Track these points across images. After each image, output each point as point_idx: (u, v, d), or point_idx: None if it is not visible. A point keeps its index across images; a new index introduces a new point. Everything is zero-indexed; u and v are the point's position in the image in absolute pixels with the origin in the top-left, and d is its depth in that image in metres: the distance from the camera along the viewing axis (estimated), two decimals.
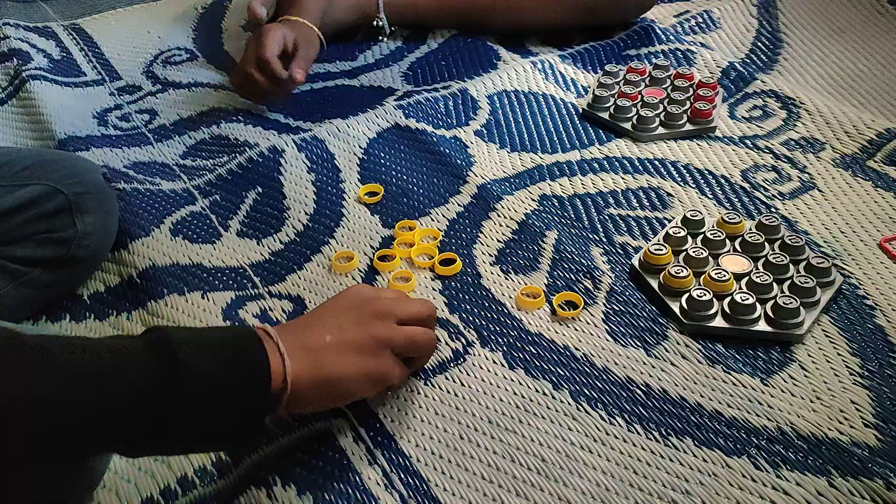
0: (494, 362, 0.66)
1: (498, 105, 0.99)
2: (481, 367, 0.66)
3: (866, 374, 0.62)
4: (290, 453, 0.59)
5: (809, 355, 0.64)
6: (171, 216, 0.85)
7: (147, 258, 0.79)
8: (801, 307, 0.65)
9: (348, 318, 0.56)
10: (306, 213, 0.84)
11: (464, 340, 0.68)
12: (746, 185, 0.83)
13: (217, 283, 0.76)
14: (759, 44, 1.10)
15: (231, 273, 0.78)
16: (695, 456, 0.57)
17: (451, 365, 0.66)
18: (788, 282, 0.69)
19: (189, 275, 0.77)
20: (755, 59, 1.06)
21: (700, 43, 1.10)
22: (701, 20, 1.17)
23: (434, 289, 0.74)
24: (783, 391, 0.62)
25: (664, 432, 0.59)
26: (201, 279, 0.77)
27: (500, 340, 0.68)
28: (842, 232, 0.76)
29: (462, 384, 0.64)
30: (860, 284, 0.70)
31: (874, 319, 0.67)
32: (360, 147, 0.93)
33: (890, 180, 0.82)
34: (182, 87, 1.10)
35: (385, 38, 1.16)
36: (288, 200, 0.86)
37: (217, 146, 0.96)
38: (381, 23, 1.13)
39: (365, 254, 0.78)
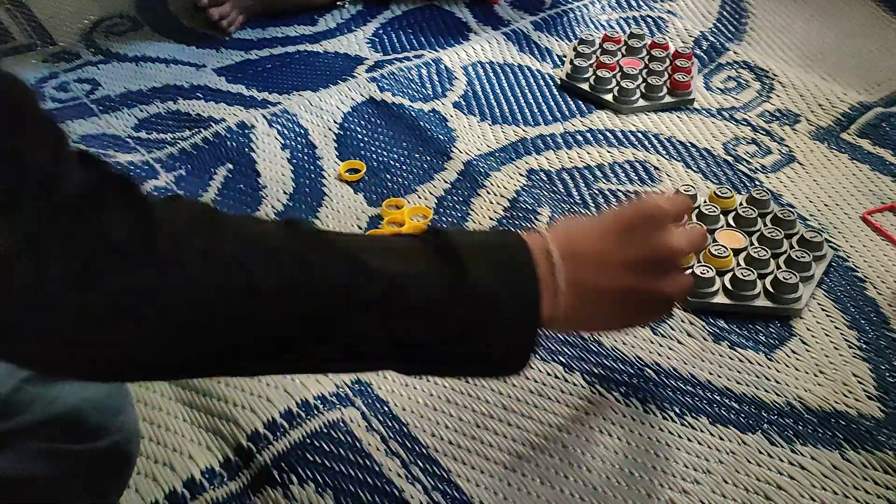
0: None
1: (474, 76, 0.96)
2: None
3: (864, 346, 0.64)
4: (303, 447, 0.57)
5: (808, 329, 0.66)
6: None
7: None
8: (799, 282, 0.67)
9: (638, 261, 0.47)
10: (285, 192, 0.80)
11: None
12: (729, 159, 0.84)
13: None
14: (725, 12, 1.10)
15: None
16: (711, 434, 0.58)
17: None
18: (784, 256, 0.70)
19: None
20: (723, 28, 1.07)
21: (668, 10, 1.10)
22: None
23: None
24: (787, 366, 0.63)
25: (679, 411, 0.60)
26: None
27: None
28: (825, 205, 0.78)
29: None
30: (848, 257, 0.72)
31: (865, 292, 0.69)
32: (335, 122, 0.89)
33: (865, 153, 0.84)
34: (128, 60, 1.02)
35: (345, 4, 1.11)
36: (263, 178, 0.82)
37: (175, 120, 0.90)
38: None
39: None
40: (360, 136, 0.87)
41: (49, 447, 0.45)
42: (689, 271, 0.68)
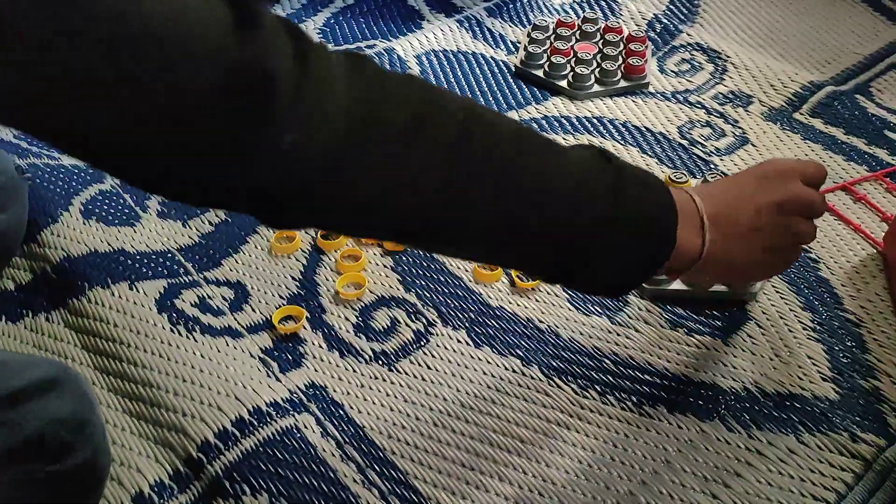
0: (459, 341, 0.64)
1: (427, 66, 0.94)
2: (446, 348, 0.63)
3: (818, 327, 0.64)
4: (255, 456, 0.55)
5: (764, 312, 0.66)
6: (79, 196, 0.77)
7: (60, 248, 0.71)
8: None
9: (773, 203, 0.52)
10: None
11: (424, 320, 0.65)
12: (685, 142, 0.84)
13: (145, 269, 0.70)
14: None
15: (159, 258, 0.71)
16: (669, 423, 0.58)
17: (415, 347, 0.63)
18: None
19: (111, 262, 0.70)
20: (676, 10, 1.06)
21: None
22: None
23: (385, 266, 0.70)
24: (744, 350, 0.63)
25: (637, 401, 0.59)
26: (126, 266, 0.70)
27: (461, 317, 0.66)
28: None
29: (429, 367, 0.62)
30: None
31: (818, 272, 0.69)
32: None
33: (817, 132, 0.85)
34: None
35: None
36: None
37: None
38: None
39: (306, 232, 0.74)
40: None
41: (22, 475, 0.45)
42: None
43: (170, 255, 0.72)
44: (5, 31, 0.29)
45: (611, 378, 0.61)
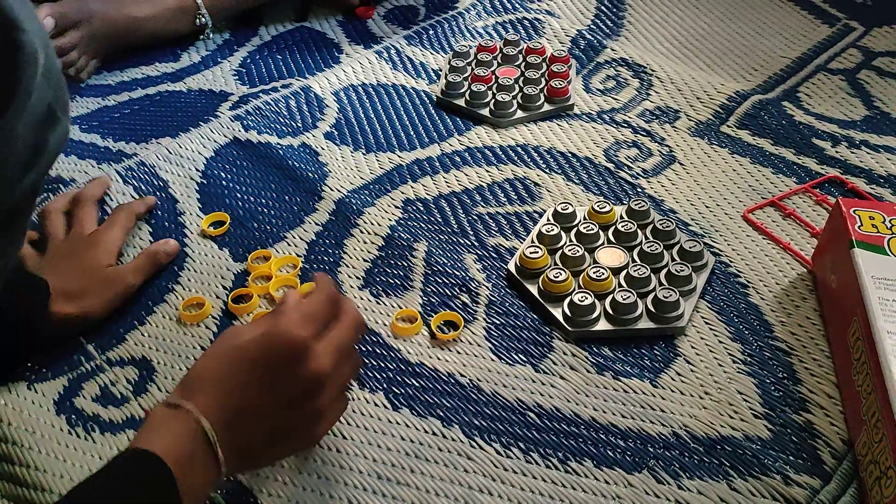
0: (377, 405, 0.61)
1: (346, 102, 0.91)
2: (363, 413, 0.60)
3: (748, 360, 0.62)
4: None
5: (693, 347, 0.63)
6: None
7: None
8: (680, 298, 0.64)
9: (292, 399, 0.49)
10: None
11: None
12: (611, 166, 0.81)
13: (43, 369, 0.65)
14: (603, 6, 1.07)
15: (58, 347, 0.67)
16: (596, 479, 0.55)
17: None
18: (664, 271, 0.67)
19: None
20: (601, 24, 1.04)
21: (546, 10, 1.06)
22: None
23: None
24: (672, 391, 0.60)
25: (562, 457, 0.56)
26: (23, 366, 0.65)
27: (379, 377, 0.63)
28: (707, 207, 0.76)
29: (344, 437, 0.59)
30: (731, 262, 0.70)
31: (748, 298, 0.67)
32: (197, 170, 0.83)
33: (745, 145, 0.82)
34: None
35: (210, 35, 1.04)
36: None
37: None
38: (203, 20, 1.01)
39: (217, 297, 0.70)
40: (224, 183, 0.82)
41: None
42: (568, 300, 0.65)
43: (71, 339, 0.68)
44: None
45: (535, 433, 0.58)
